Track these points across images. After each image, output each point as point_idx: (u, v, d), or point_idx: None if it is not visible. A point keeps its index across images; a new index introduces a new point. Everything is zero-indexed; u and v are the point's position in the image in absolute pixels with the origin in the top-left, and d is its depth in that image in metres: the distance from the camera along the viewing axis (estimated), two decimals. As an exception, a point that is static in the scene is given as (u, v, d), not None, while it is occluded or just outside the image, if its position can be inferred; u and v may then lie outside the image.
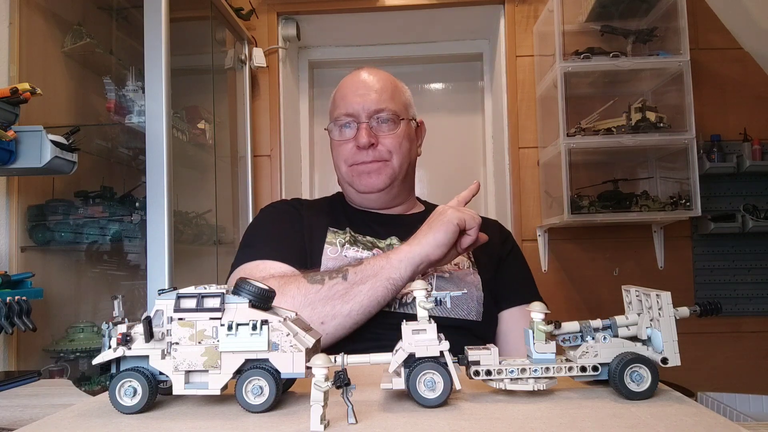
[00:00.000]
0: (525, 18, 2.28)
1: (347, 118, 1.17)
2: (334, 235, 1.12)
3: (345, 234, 1.12)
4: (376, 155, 1.15)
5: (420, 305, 0.59)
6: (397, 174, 1.17)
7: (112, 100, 1.53)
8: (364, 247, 1.10)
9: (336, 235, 1.12)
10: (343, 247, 1.09)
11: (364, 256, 1.07)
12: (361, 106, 1.15)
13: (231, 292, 0.58)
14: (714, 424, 0.50)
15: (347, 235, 1.12)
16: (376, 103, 1.15)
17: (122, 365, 0.59)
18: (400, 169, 1.17)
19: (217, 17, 1.97)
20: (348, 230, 1.13)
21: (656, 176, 2.17)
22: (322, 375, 0.50)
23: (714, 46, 2.22)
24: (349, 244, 1.10)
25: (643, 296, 0.62)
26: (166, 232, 1.36)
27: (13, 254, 1.42)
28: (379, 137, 1.16)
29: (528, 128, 2.26)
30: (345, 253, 1.08)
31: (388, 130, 1.16)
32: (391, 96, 1.17)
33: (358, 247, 1.10)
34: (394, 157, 1.16)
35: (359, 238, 1.13)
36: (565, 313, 1.75)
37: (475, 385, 0.63)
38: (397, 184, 1.19)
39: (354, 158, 1.17)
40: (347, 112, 1.17)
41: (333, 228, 1.14)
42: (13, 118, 1.10)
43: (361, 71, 1.21)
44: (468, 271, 1.12)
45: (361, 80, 1.19)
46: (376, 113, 1.16)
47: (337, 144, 1.20)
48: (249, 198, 2.22)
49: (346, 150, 1.17)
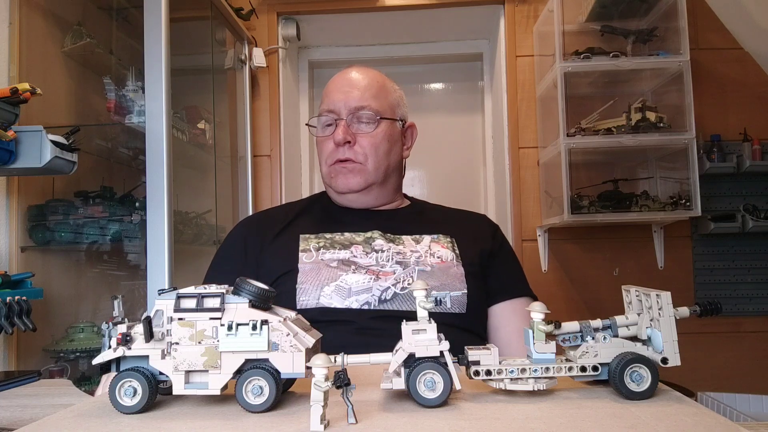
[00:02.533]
0: (525, 18, 2.28)
1: (329, 115, 1.16)
2: (307, 241, 1.11)
3: (318, 239, 1.11)
4: (351, 155, 1.14)
5: (420, 305, 0.59)
6: (372, 177, 1.16)
7: (112, 100, 1.52)
8: (341, 247, 1.09)
9: (308, 241, 1.10)
10: (318, 251, 1.08)
11: (341, 258, 1.06)
12: (342, 103, 1.14)
13: (231, 292, 0.59)
14: (714, 424, 0.50)
15: (321, 240, 1.11)
16: (358, 101, 1.14)
17: (122, 365, 0.59)
18: (376, 173, 1.16)
19: (217, 17, 1.97)
20: (321, 235, 1.12)
21: (656, 176, 2.17)
22: (322, 375, 0.50)
23: (714, 46, 2.22)
24: (324, 249, 1.09)
25: (643, 296, 0.62)
26: (166, 232, 1.36)
27: (13, 254, 1.42)
28: (356, 136, 1.14)
29: (528, 128, 2.26)
30: (321, 257, 1.07)
31: (366, 130, 1.15)
32: (375, 94, 1.16)
33: (335, 248, 1.09)
34: (369, 159, 1.14)
35: (336, 237, 1.11)
36: (565, 313, 1.75)
37: (475, 385, 0.63)
38: (375, 187, 1.18)
39: (332, 156, 1.16)
40: (329, 108, 1.16)
41: (305, 234, 1.12)
42: (13, 118, 1.10)
43: (350, 69, 1.20)
44: (451, 263, 1.09)
45: (347, 77, 1.18)
46: (357, 110, 1.14)
47: (319, 141, 1.20)
48: (249, 198, 2.22)
49: (328, 148, 1.17)
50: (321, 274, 1.04)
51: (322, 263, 1.05)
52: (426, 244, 1.13)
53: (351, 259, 1.07)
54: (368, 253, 1.08)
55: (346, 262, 1.06)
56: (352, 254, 1.08)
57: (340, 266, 1.05)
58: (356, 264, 1.06)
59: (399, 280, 1.04)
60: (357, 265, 1.05)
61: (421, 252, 1.10)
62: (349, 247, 1.09)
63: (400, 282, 1.04)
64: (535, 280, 2.21)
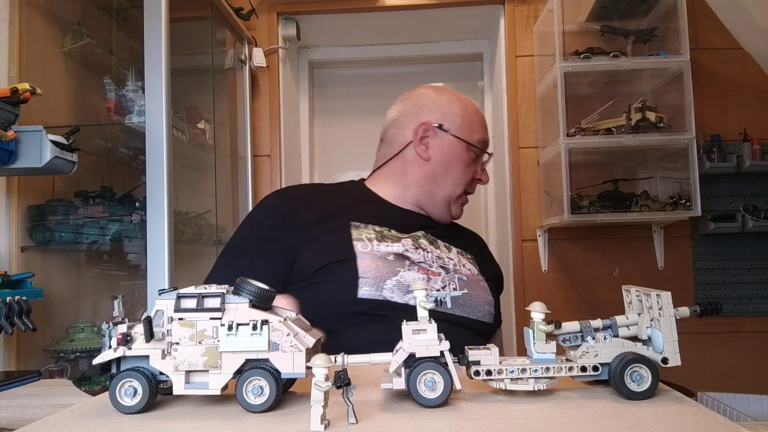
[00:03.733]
0: (525, 18, 2.28)
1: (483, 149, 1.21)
2: (358, 230, 1.07)
3: (368, 229, 1.08)
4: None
5: (420, 305, 0.59)
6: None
7: (112, 100, 1.52)
8: (392, 241, 1.07)
9: (360, 231, 1.07)
10: (372, 242, 1.05)
11: (396, 251, 1.05)
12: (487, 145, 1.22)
13: (231, 292, 0.58)
14: (714, 424, 0.50)
15: (371, 232, 1.08)
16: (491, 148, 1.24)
17: (122, 365, 0.58)
18: None
19: (217, 17, 1.97)
20: (371, 226, 1.09)
21: (656, 176, 2.17)
22: (322, 375, 0.50)
23: (714, 46, 2.22)
24: (377, 241, 1.06)
25: (644, 296, 0.62)
26: (166, 232, 1.36)
27: (13, 254, 1.42)
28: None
29: (528, 128, 2.26)
30: (377, 248, 1.04)
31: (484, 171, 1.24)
32: None
33: (387, 241, 1.07)
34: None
35: (385, 232, 1.09)
36: (565, 313, 1.75)
37: (475, 385, 0.63)
38: None
39: (470, 186, 1.20)
40: (486, 141, 1.21)
41: (355, 222, 1.08)
42: (13, 118, 1.10)
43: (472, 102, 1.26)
44: (478, 278, 1.13)
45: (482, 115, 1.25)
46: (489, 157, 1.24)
47: (463, 161, 1.18)
48: (249, 198, 2.22)
49: (468, 175, 1.19)
50: (381, 266, 1.01)
51: (378, 255, 1.03)
52: (455, 254, 1.14)
53: (404, 253, 1.06)
54: (417, 249, 1.08)
55: (400, 256, 1.05)
56: (404, 248, 1.06)
57: (397, 260, 1.04)
58: (410, 260, 1.05)
59: (445, 283, 1.05)
60: (411, 261, 1.05)
61: (455, 261, 1.12)
62: (399, 240, 1.07)
63: (447, 285, 1.05)
64: (535, 280, 2.23)
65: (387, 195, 1.19)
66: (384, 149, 1.24)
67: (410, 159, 1.19)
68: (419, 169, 1.17)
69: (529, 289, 2.17)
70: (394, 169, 1.21)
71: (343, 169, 2.67)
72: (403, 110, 1.23)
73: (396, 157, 1.20)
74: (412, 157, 1.18)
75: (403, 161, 1.19)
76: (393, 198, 1.19)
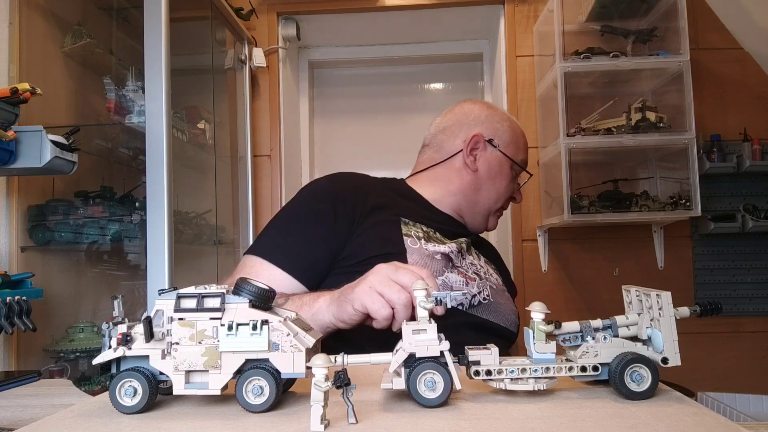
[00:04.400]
0: (525, 18, 2.28)
1: (525, 169, 1.28)
2: (407, 227, 1.09)
3: (416, 227, 1.09)
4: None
5: (420, 305, 0.59)
6: None
7: (112, 100, 1.52)
8: (438, 242, 1.09)
9: (409, 227, 1.09)
10: (420, 240, 1.07)
11: (443, 251, 1.06)
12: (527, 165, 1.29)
13: (231, 291, 0.58)
14: (714, 424, 0.50)
15: (419, 230, 1.09)
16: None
17: (122, 365, 0.58)
18: None
19: (217, 17, 1.97)
20: (419, 225, 1.11)
21: (656, 176, 2.17)
22: (322, 375, 0.50)
23: (714, 46, 2.22)
24: (425, 240, 1.08)
25: (644, 296, 0.62)
26: (166, 232, 1.36)
27: (13, 254, 1.42)
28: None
29: (528, 128, 2.25)
30: (425, 247, 1.06)
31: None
32: None
33: (434, 242, 1.08)
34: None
35: (431, 233, 1.11)
36: (565, 313, 1.75)
37: (475, 385, 0.63)
38: None
39: (507, 203, 1.26)
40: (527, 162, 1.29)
41: (405, 219, 1.10)
42: (13, 118, 1.10)
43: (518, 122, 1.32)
44: (503, 288, 1.17)
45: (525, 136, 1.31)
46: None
47: (508, 179, 1.24)
48: (249, 198, 2.22)
49: (508, 192, 1.25)
50: (429, 264, 1.03)
51: (427, 253, 1.05)
52: (484, 263, 1.19)
53: (450, 254, 1.08)
54: (459, 254, 1.10)
55: (446, 257, 1.07)
56: (450, 250, 1.08)
57: (443, 261, 1.06)
58: (453, 262, 1.08)
59: (481, 290, 1.07)
60: (453, 264, 1.07)
61: (485, 269, 1.16)
62: (444, 243, 1.10)
63: (482, 291, 1.08)
64: (535, 280, 2.23)
65: (429, 197, 1.22)
66: (430, 153, 1.27)
67: (458, 167, 1.22)
68: (466, 177, 1.22)
69: (529, 289, 2.16)
70: (439, 174, 1.24)
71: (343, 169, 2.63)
72: (455, 119, 1.27)
73: (443, 163, 1.24)
74: (459, 165, 1.22)
75: (449, 168, 1.23)
76: (435, 201, 1.22)
